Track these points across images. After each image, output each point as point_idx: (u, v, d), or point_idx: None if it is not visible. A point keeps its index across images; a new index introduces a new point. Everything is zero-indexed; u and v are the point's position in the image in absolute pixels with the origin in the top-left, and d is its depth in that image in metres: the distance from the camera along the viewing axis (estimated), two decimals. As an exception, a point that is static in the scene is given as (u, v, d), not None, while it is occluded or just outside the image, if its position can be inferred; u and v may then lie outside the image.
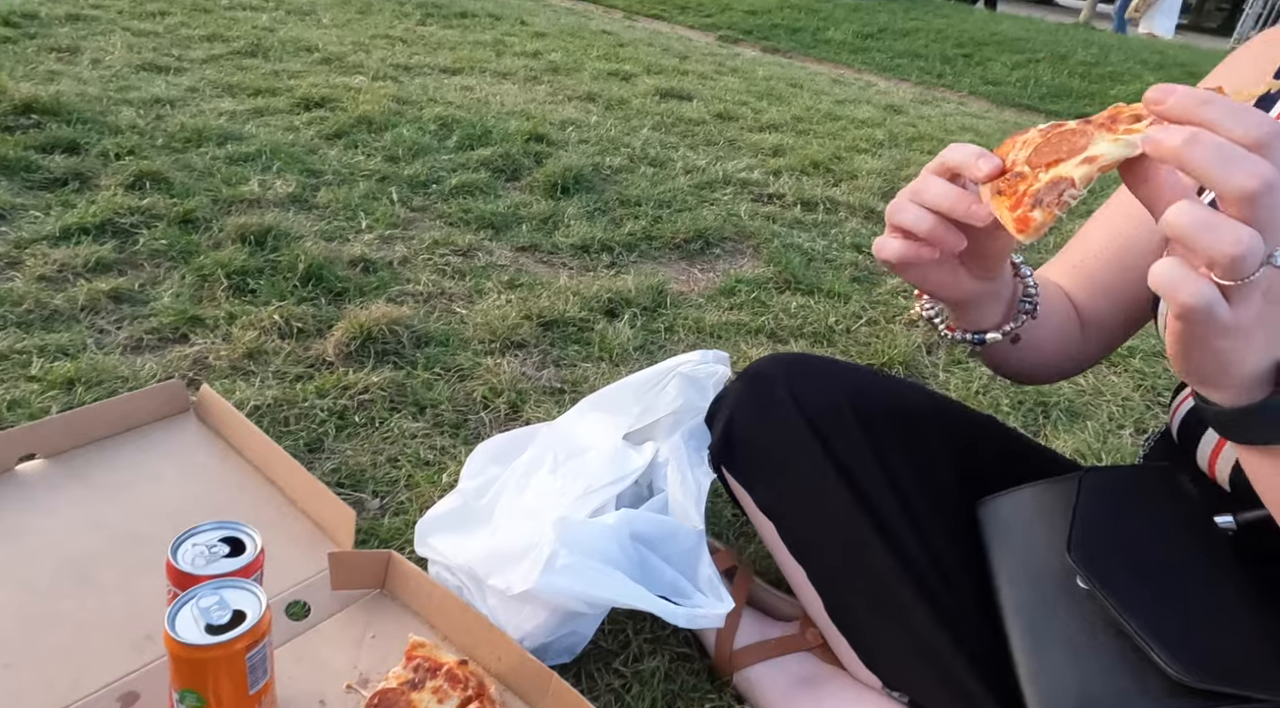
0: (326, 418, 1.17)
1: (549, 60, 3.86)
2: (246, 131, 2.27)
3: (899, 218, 0.52)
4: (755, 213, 2.27)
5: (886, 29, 6.49)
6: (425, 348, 1.39)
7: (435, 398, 1.25)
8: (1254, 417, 0.41)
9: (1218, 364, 0.40)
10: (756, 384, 0.88)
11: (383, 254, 1.72)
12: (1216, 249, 0.35)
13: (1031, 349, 0.70)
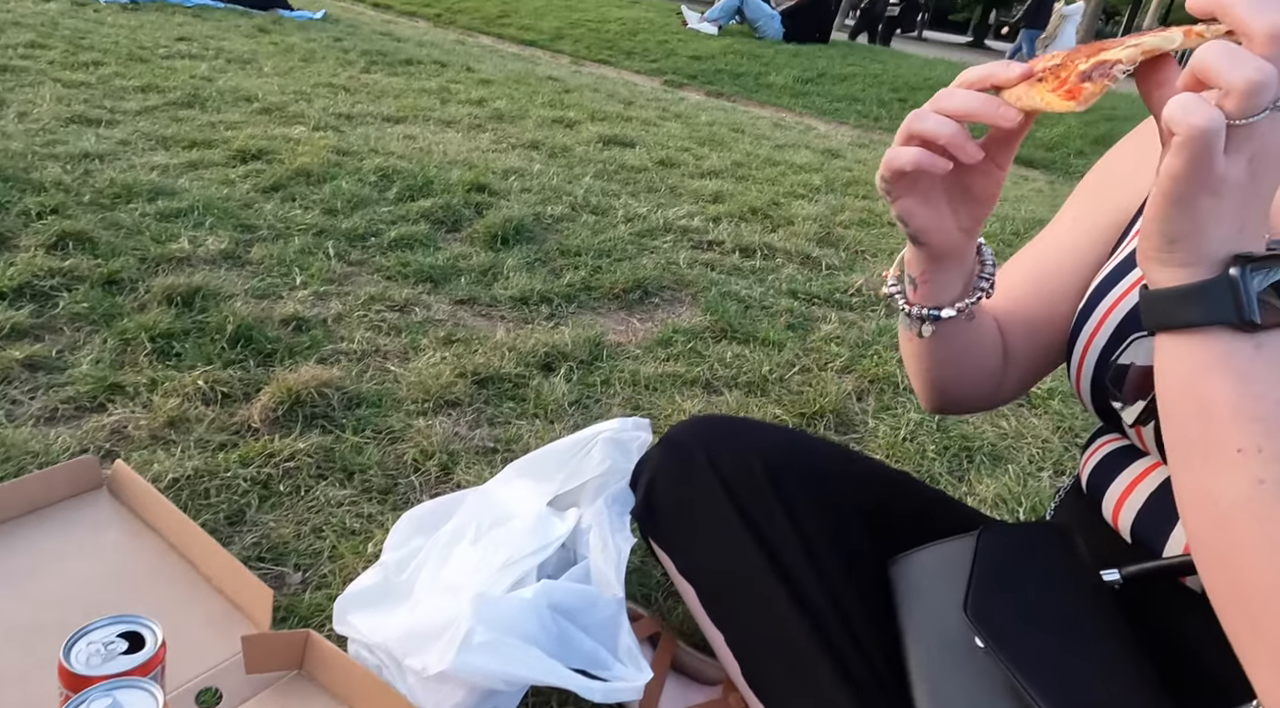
0: (249, 488, 1.15)
1: (494, 108, 3.91)
2: (179, 186, 2.24)
3: (921, 125, 0.51)
4: (694, 260, 2.31)
5: (825, 74, 6.73)
6: (356, 410, 1.38)
7: (364, 463, 1.24)
8: (1191, 294, 0.42)
9: (1193, 223, 0.41)
10: (675, 450, 0.90)
11: (316, 312, 1.71)
12: (1238, 73, 0.37)
13: (968, 351, 0.72)
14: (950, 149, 0.50)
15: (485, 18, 8.21)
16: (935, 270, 0.63)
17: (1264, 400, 0.42)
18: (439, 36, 6.89)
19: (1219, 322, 0.42)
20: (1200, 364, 0.43)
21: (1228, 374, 0.42)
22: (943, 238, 0.59)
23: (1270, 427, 0.42)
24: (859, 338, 1.93)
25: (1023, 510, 1.31)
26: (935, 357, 0.73)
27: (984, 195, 0.57)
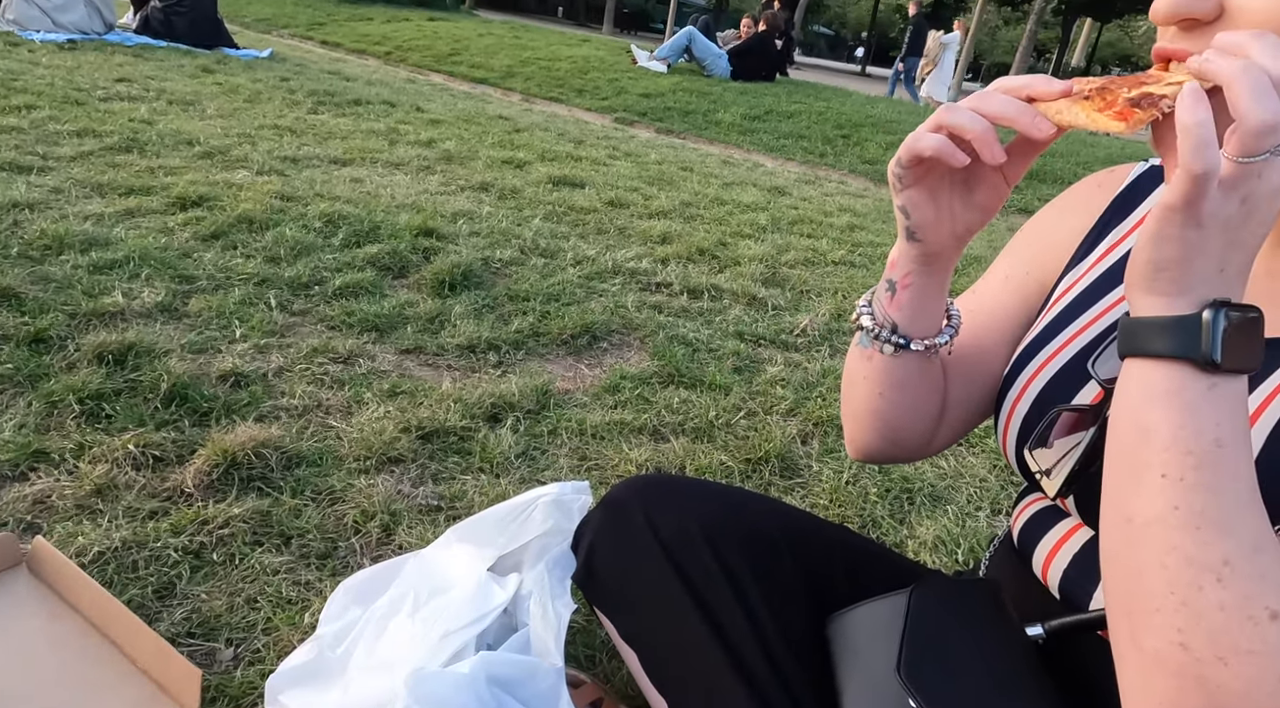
0: (180, 559, 1.11)
1: (443, 149, 3.91)
2: (114, 236, 2.19)
3: (954, 118, 0.51)
4: (642, 303, 2.33)
5: (772, 111, 6.91)
6: (295, 470, 1.35)
7: (302, 527, 1.21)
8: (1162, 326, 0.45)
9: (1179, 253, 0.43)
10: (615, 512, 0.90)
11: (256, 366, 1.67)
12: (1257, 110, 0.39)
13: (919, 393, 0.73)
14: (976, 145, 0.50)
15: (436, 56, 8.25)
16: (920, 273, 0.64)
17: (1201, 437, 0.44)
18: (389, 75, 6.90)
19: (1183, 356, 0.44)
20: (1154, 391, 0.45)
21: (1176, 405, 0.44)
22: (937, 238, 0.60)
23: (1200, 462, 0.44)
24: (804, 379, 1.96)
25: (961, 552, 1.34)
26: (890, 379, 0.72)
27: (986, 205, 0.59)
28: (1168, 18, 0.48)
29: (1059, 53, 32.10)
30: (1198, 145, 0.40)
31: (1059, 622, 0.72)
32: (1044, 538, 0.74)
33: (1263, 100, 0.38)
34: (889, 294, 0.65)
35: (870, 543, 0.98)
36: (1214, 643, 0.42)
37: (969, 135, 0.50)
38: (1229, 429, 0.44)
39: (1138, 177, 0.71)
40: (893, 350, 0.67)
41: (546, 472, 1.47)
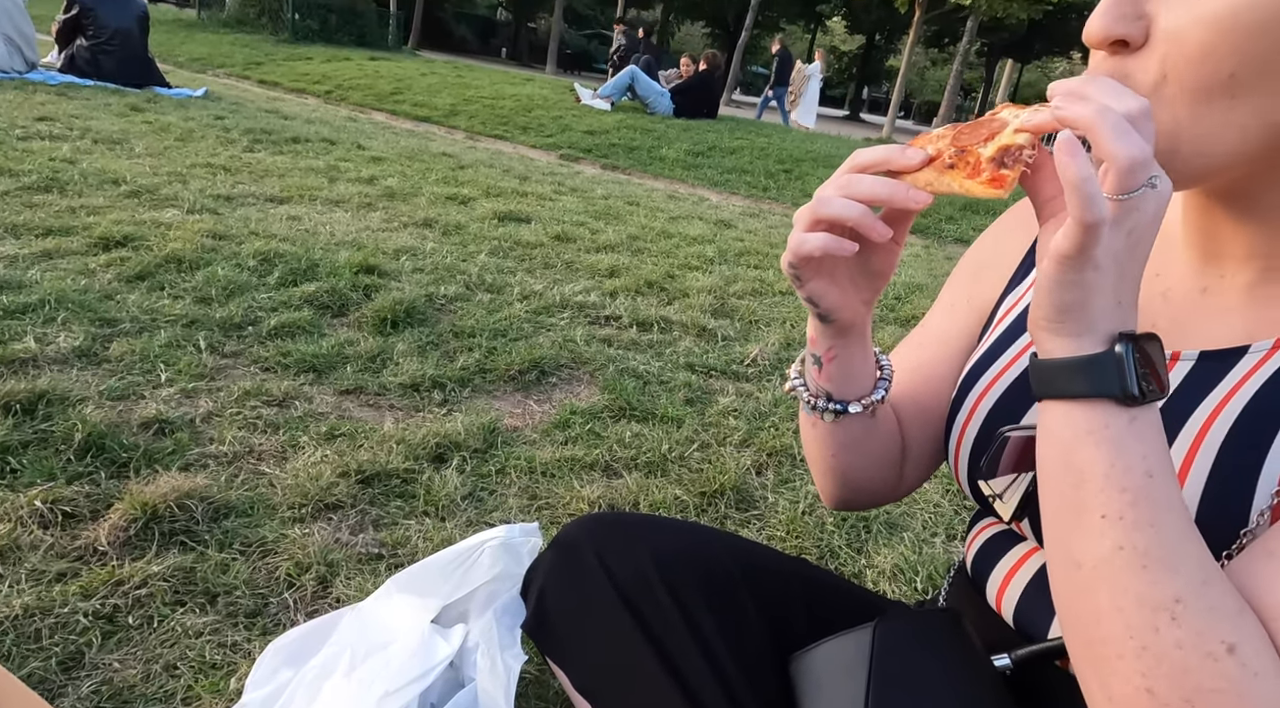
0: (90, 625, 1.02)
1: (385, 186, 3.85)
2: (29, 278, 2.07)
3: (827, 209, 0.52)
4: (592, 337, 2.30)
5: (715, 147, 7.03)
6: (223, 522, 1.26)
7: (230, 583, 1.13)
8: (1078, 366, 0.45)
9: (1079, 295, 0.43)
10: (565, 553, 0.85)
11: (183, 412, 1.58)
12: (1124, 151, 0.40)
13: (870, 447, 0.72)
14: (860, 230, 0.51)
15: (378, 94, 8.20)
16: (841, 346, 0.64)
17: (1132, 472, 0.44)
18: (329, 113, 6.82)
19: (1103, 395, 0.44)
20: (1079, 432, 0.45)
21: (1103, 443, 0.44)
22: (849, 313, 0.61)
23: (1136, 497, 0.44)
24: (756, 409, 1.95)
25: (920, 579, 1.32)
26: (838, 441, 0.72)
27: (883, 269, 0.59)
28: (1100, 40, 0.48)
29: (984, 92, 33.75)
30: (1088, 198, 0.40)
31: (1025, 651, 0.70)
32: (997, 566, 0.72)
33: (1126, 139, 0.40)
34: (816, 368, 0.66)
35: (829, 575, 0.96)
36: (1178, 685, 0.42)
37: (849, 223, 0.51)
38: (1156, 460, 0.44)
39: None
40: (833, 417, 0.67)
41: (495, 513, 1.41)
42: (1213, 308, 0.56)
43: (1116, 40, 0.48)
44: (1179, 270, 0.59)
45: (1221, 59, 0.44)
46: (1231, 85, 0.45)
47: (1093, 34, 0.48)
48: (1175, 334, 0.58)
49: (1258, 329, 0.53)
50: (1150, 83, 0.47)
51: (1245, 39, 0.44)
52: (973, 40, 19.65)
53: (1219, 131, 0.46)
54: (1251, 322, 0.54)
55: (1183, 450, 0.52)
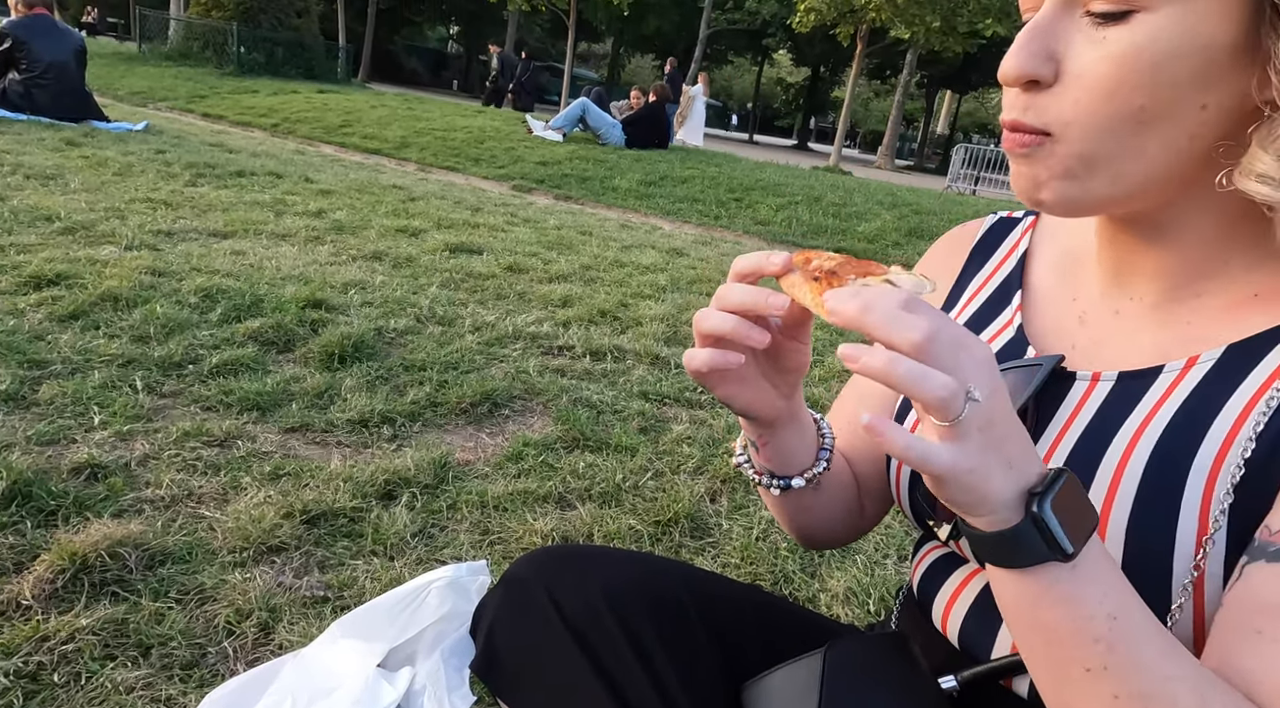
0: (11, 684, 0.96)
1: (334, 219, 3.80)
2: (-48, 320, 1.98)
3: (704, 325, 0.53)
4: (545, 368, 2.29)
5: (667, 177, 7.13)
6: (159, 569, 1.21)
7: (164, 634, 1.08)
8: (1007, 541, 0.44)
9: (973, 495, 0.44)
10: (514, 589, 0.84)
11: (117, 455, 1.52)
12: (931, 394, 0.40)
13: (826, 503, 0.73)
14: (738, 340, 0.52)
15: (326, 127, 8.14)
16: (770, 434, 0.66)
17: (1096, 620, 0.44)
18: (276, 147, 6.73)
19: (1039, 561, 0.44)
20: (1030, 596, 0.45)
21: (1057, 602, 0.45)
22: (768, 409, 0.62)
23: (1110, 644, 0.44)
24: (710, 436, 1.95)
25: (872, 601, 1.33)
26: (792, 506, 0.74)
27: (794, 366, 0.60)
28: (1015, 79, 0.51)
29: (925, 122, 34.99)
30: (922, 457, 0.41)
31: (971, 672, 0.71)
32: (941, 589, 0.73)
33: (924, 381, 0.40)
34: (754, 449, 0.67)
35: (782, 601, 0.96)
36: None
37: (726, 336, 0.52)
38: (1113, 596, 0.44)
39: (990, 227, 0.75)
40: (780, 491, 0.68)
41: (446, 550, 1.38)
42: (1125, 329, 0.59)
43: (1030, 80, 0.50)
44: (1093, 293, 0.62)
45: (1129, 94, 0.47)
46: (1141, 116, 0.47)
47: (1007, 73, 0.50)
48: (1094, 355, 0.60)
49: (1169, 349, 0.55)
50: (1065, 119, 0.49)
51: (1150, 73, 0.46)
52: (912, 73, 20.38)
53: (1131, 161, 0.49)
54: (1162, 342, 0.56)
55: (1109, 472, 0.53)
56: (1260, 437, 0.48)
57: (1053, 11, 0.49)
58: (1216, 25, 0.45)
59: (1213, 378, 0.52)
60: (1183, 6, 0.45)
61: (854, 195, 7.02)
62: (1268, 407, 0.49)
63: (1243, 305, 0.53)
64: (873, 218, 6.25)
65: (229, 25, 12.61)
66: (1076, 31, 0.48)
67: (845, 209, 6.48)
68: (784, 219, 6.14)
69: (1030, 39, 0.49)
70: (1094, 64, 0.47)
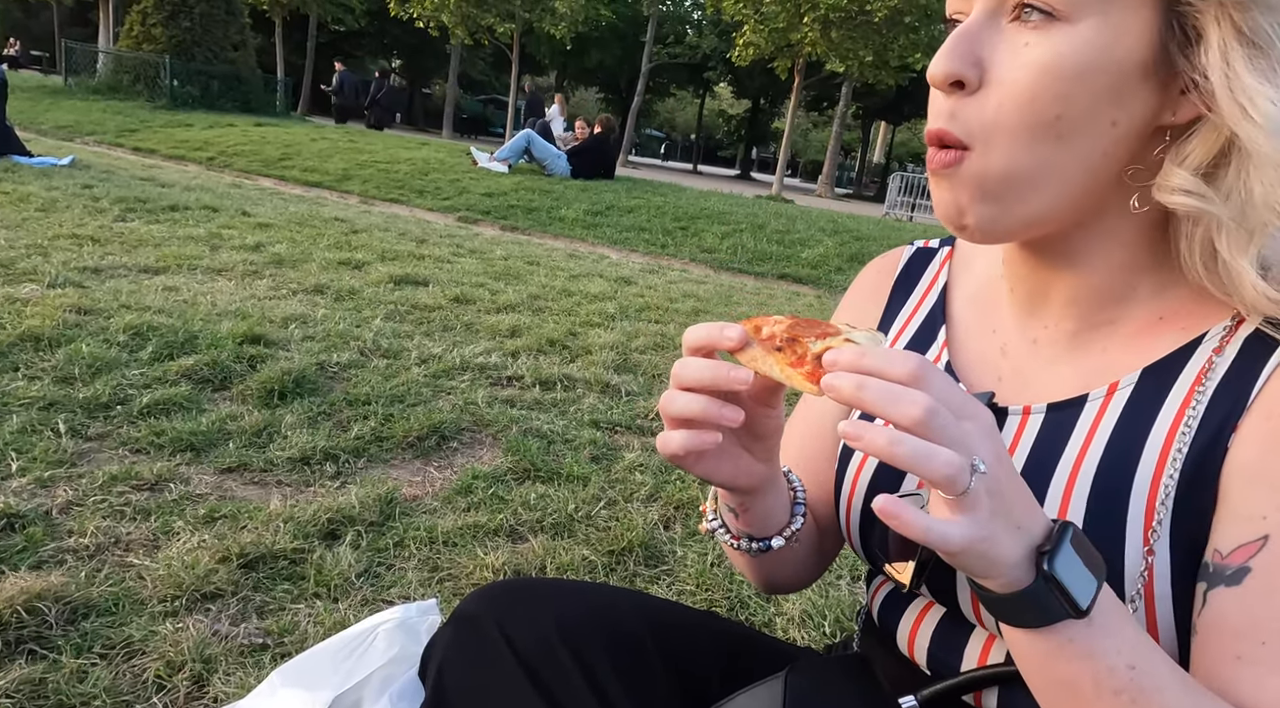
0: (-86, 757, 0.89)
1: (272, 253, 3.71)
2: None
3: (672, 409, 0.51)
4: (494, 398, 2.25)
5: (613, 206, 7.19)
6: (82, 623, 1.14)
7: (87, 692, 1.01)
8: (1022, 602, 0.44)
9: (985, 561, 0.43)
10: (465, 627, 0.81)
11: (36, 503, 1.43)
12: (938, 472, 0.40)
13: (797, 553, 0.72)
14: (709, 421, 0.50)
15: (265, 160, 7.98)
16: (751, 500, 0.63)
17: (1116, 673, 0.44)
18: (212, 180, 6.57)
19: (1055, 620, 0.44)
20: (1047, 652, 0.46)
21: (1075, 657, 0.45)
22: (748, 478, 0.60)
23: (1134, 695, 0.44)
24: (662, 463, 1.95)
25: (828, 623, 1.33)
26: (766, 566, 0.73)
27: (769, 432, 0.58)
28: (942, 79, 0.51)
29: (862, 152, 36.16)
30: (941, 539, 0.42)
31: (930, 690, 0.71)
32: (902, 618, 0.73)
33: (931, 459, 0.40)
34: (732, 516, 0.65)
35: (739, 627, 0.95)
36: None
37: (696, 417, 0.50)
38: (1130, 646, 0.44)
39: (909, 259, 0.76)
40: (757, 553, 0.66)
41: (393, 589, 1.33)
42: (1044, 358, 0.60)
43: (955, 81, 0.51)
44: (1010, 324, 0.62)
45: (1047, 103, 0.48)
46: (1058, 127, 0.48)
47: (935, 73, 0.51)
48: (1020, 387, 0.61)
49: (1090, 378, 0.57)
50: (986, 122, 0.50)
51: (1068, 83, 0.47)
52: (848, 104, 21.10)
53: (1047, 173, 0.50)
54: (1082, 371, 0.57)
55: (1056, 503, 0.54)
56: (1188, 451, 0.50)
57: (981, 18, 0.50)
58: (1131, 43, 0.47)
59: (1136, 401, 0.54)
60: (1102, 21, 0.47)
61: (796, 223, 7.18)
62: (1188, 426, 0.51)
63: (1151, 329, 0.55)
64: (815, 244, 6.40)
65: (161, 58, 12.32)
66: (1002, 39, 0.49)
67: (789, 236, 6.62)
68: (729, 247, 6.23)
69: (958, 42, 0.50)
70: (1015, 70, 0.48)
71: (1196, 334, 0.53)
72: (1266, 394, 0.49)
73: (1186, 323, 0.54)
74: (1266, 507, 0.47)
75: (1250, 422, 0.49)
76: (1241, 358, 0.51)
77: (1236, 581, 0.47)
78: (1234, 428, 0.49)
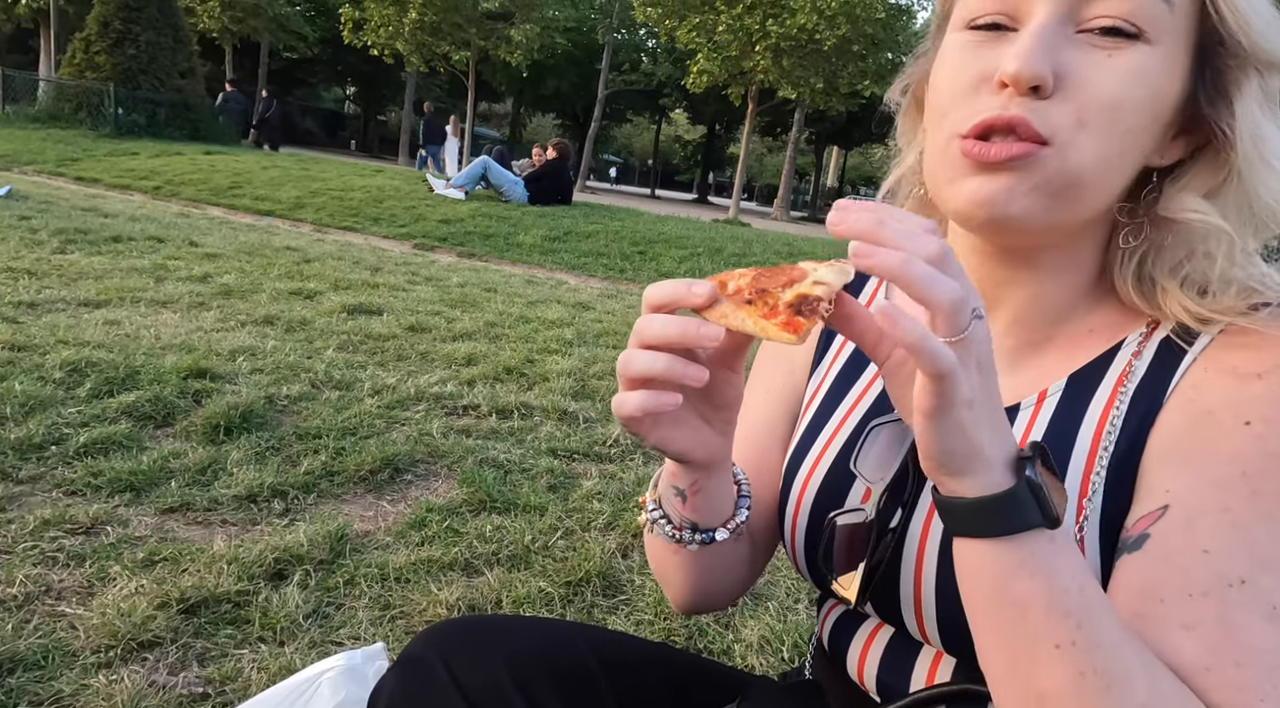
0: None
1: (221, 284, 3.63)
2: None
3: (632, 368, 0.48)
4: (449, 429, 2.22)
5: (571, 232, 7.20)
6: (7, 679, 1.08)
7: (12, 754, 0.96)
8: (999, 505, 0.44)
9: (962, 439, 0.43)
10: (412, 670, 0.79)
11: (-40, 552, 1.36)
12: (944, 297, 0.40)
13: (731, 557, 0.70)
14: (672, 380, 0.48)
15: (214, 189, 7.83)
16: (704, 479, 0.61)
17: (1069, 593, 0.44)
18: (158, 210, 6.42)
19: (1028, 527, 0.44)
20: (1008, 566, 0.45)
21: (1036, 573, 0.44)
22: (705, 450, 0.58)
23: (1081, 618, 0.44)
24: (620, 491, 1.93)
25: (786, 648, 1.33)
26: (702, 565, 0.70)
27: (729, 400, 0.57)
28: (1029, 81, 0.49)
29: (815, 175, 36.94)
30: (932, 353, 0.41)
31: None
32: (852, 642, 0.73)
33: (939, 285, 0.40)
34: (679, 500, 0.62)
35: (693, 658, 0.94)
36: None
37: (658, 376, 0.48)
38: (1080, 570, 0.45)
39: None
40: (699, 546, 0.64)
41: (342, 629, 1.29)
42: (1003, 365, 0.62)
43: (1038, 85, 0.50)
44: None
45: (1127, 112, 0.49)
46: (1126, 134, 0.50)
47: (1023, 74, 0.49)
48: None
49: (1021, 388, 0.59)
50: (1072, 124, 0.49)
51: (1146, 99, 0.49)
52: (801, 130, 21.57)
53: (1111, 173, 0.51)
54: (1015, 384, 0.60)
55: None
56: (1114, 447, 0.53)
57: (1053, 24, 0.50)
58: (1176, 78, 0.50)
59: (1064, 404, 0.56)
60: (1168, 49, 0.49)
61: (753, 245, 7.29)
62: (1113, 425, 0.54)
63: (1081, 341, 0.58)
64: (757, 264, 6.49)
65: (105, 86, 12.05)
66: (1074, 47, 0.50)
67: (746, 259, 6.71)
68: (687, 270, 6.29)
69: (1041, 45, 0.49)
70: (1102, 80, 0.49)
71: (1115, 341, 0.56)
72: (1179, 391, 0.52)
73: (1109, 334, 0.57)
74: (1170, 482, 0.49)
75: (1164, 416, 0.52)
76: (1157, 361, 0.54)
77: (1138, 546, 0.49)
78: (1152, 423, 0.52)
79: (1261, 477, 0.47)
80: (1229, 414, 0.49)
